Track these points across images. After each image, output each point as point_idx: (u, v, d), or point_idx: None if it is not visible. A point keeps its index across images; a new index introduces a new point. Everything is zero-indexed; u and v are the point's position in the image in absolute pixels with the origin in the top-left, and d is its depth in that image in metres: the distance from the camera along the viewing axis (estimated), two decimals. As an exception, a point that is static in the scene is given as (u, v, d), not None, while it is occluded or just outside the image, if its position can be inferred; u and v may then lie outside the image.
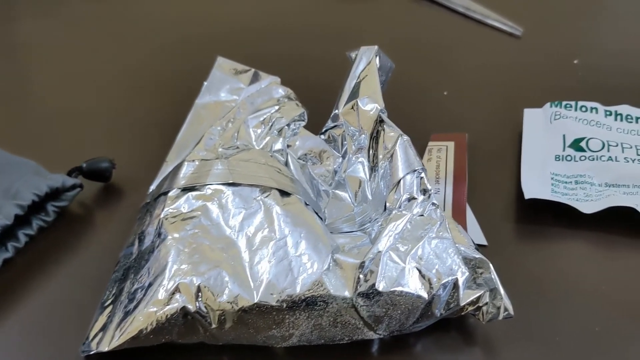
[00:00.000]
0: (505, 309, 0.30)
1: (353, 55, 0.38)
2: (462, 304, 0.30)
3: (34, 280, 0.35)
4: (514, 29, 0.53)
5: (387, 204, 0.31)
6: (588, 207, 0.36)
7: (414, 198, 0.31)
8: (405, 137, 0.32)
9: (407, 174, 0.31)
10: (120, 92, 0.48)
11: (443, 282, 0.29)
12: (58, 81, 0.49)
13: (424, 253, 0.30)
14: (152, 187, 0.37)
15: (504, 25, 0.53)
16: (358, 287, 0.29)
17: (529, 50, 0.51)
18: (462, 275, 0.30)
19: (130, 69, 0.50)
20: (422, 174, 0.31)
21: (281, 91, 0.40)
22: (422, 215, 0.31)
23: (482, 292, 0.30)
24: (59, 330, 0.33)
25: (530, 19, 0.54)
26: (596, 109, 0.42)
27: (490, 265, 0.32)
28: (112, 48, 0.53)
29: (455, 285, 0.30)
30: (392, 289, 0.29)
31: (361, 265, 0.29)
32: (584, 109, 0.42)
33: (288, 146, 0.36)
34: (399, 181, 0.31)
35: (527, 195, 0.37)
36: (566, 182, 0.38)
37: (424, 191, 0.31)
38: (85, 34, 0.55)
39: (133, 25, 0.56)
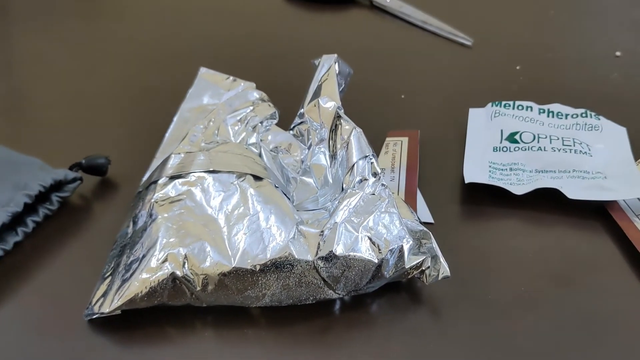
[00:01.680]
0: (444, 271, 0.36)
1: (317, 62, 0.43)
2: (407, 267, 0.36)
3: (41, 260, 0.40)
4: (466, 40, 0.59)
5: (344, 185, 0.37)
6: (519, 190, 0.42)
7: (365, 179, 0.36)
8: (359, 129, 0.38)
9: (360, 159, 0.37)
10: (113, 100, 0.54)
11: (390, 248, 0.35)
12: (58, 92, 0.55)
13: (374, 224, 0.35)
14: (144, 179, 0.43)
15: (457, 36, 0.59)
16: (318, 251, 0.34)
17: (478, 59, 0.58)
18: (407, 243, 0.36)
19: (123, 80, 0.56)
20: (373, 160, 0.37)
21: (256, 94, 0.45)
22: (373, 194, 0.36)
23: (425, 257, 0.36)
24: (65, 301, 0.37)
25: (480, 30, 0.61)
26: (531, 107, 0.49)
27: (432, 236, 0.37)
28: (105, 63, 0.58)
29: (401, 251, 0.35)
30: (347, 254, 0.34)
31: (321, 234, 0.35)
32: (520, 107, 0.48)
33: (261, 140, 0.42)
34: (353, 165, 0.37)
35: (467, 180, 0.43)
36: (502, 169, 0.44)
37: (375, 174, 0.37)
38: (80, 50, 0.60)
39: (125, 42, 0.61)
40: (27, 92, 0.56)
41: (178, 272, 0.34)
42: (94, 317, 0.36)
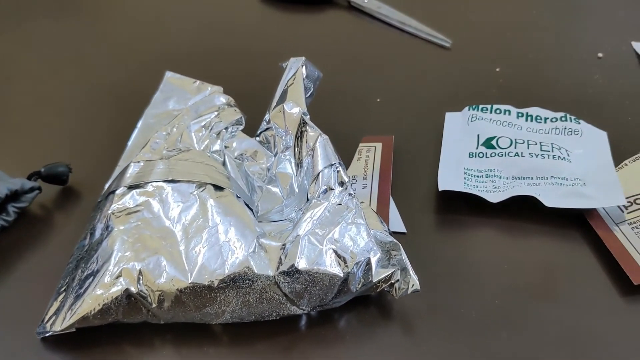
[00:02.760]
0: (413, 284, 0.34)
1: (285, 65, 0.42)
2: (374, 280, 0.34)
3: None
4: (444, 41, 0.57)
5: (309, 195, 0.35)
6: (495, 197, 0.40)
7: (331, 189, 0.35)
8: (325, 136, 0.37)
9: (325, 167, 0.35)
10: (76, 104, 0.52)
11: (357, 261, 0.33)
12: (18, 96, 0.53)
13: (340, 236, 0.34)
14: (105, 188, 0.41)
15: (435, 38, 0.58)
16: (280, 266, 0.32)
17: (457, 60, 0.56)
18: (374, 255, 0.34)
19: (86, 83, 0.54)
20: (339, 168, 0.35)
21: (222, 99, 0.44)
22: (339, 204, 0.35)
23: (394, 270, 0.34)
24: (18, 319, 0.36)
25: (459, 32, 0.59)
26: (509, 110, 0.47)
27: (401, 247, 0.36)
28: (69, 64, 0.56)
29: (368, 263, 0.34)
30: (310, 268, 0.33)
31: (282, 247, 0.33)
32: (498, 111, 0.47)
33: (226, 147, 0.40)
34: (318, 174, 0.35)
35: (441, 187, 0.41)
36: (477, 176, 0.42)
37: (341, 183, 0.35)
38: (42, 52, 0.58)
39: (90, 43, 0.59)
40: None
41: (132, 288, 0.33)
42: (47, 335, 0.34)
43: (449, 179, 0.42)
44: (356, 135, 0.47)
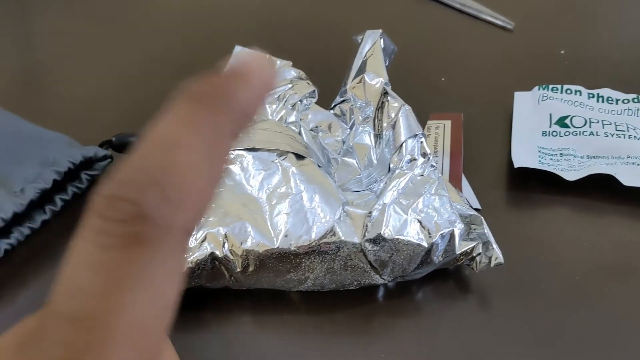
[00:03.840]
0: (496, 257, 0.34)
1: (359, 38, 0.41)
2: (457, 253, 0.34)
3: (69, 241, 0.39)
4: (507, 23, 0.57)
5: (391, 165, 0.35)
6: (571, 175, 0.40)
7: (414, 159, 0.34)
8: (407, 107, 0.36)
9: (409, 138, 0.35)
10: (145, 75, 0.52)
11: (441, 232, 0.33)
12: (86, 68, 0.53)
13: (424, 207, 0.33)
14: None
15: (497, 19, 0.57)
16: (366, 233, 0.32)
17: (520, 43, 0.55)
18: (458, 227, 0.34)
19: (154, 56, 0.54)
20: (422, 139, 0.35)
21: (293, 72, 0.43)
22: (422, 176, 0.34)
23: (476, 243, 0.34)
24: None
25: (522, 14, 0.58)
26: (580, 91, 0.46)
27: (484, 220, 0.35)
28: (135, 38, 0.57)
29: (452, 236, 0.33)
30: (395, 237, 0.32)
31: (369, 215, 0.33)
32: (569, 91, 0.46)
33: (301, 119, 0.40)
34: (402, 144, 0.35)
35: (516, 164, 0.40)
36: (552, 155, 0.42)
37: (424, 154, 0.35)
38: (107, 25, 0.58)
39: (155, 17, 0.60)
40: (52, 67, 0.54)
41: (217, 252, 0.33)
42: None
43: (524, 156, 0.41)
44: (422, 113, 0.46)
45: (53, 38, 0.58)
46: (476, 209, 0.40)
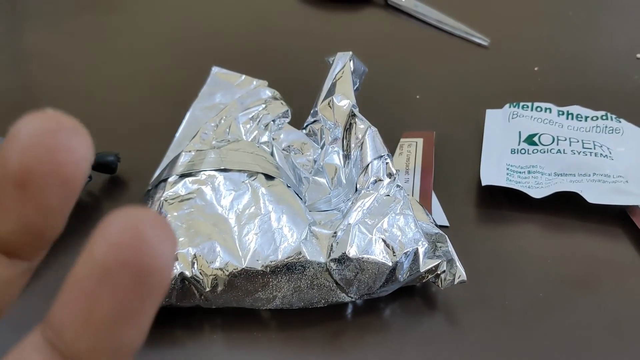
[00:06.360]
0: (460, 275, 0.35)
1: (331, 60, 0.43)
2: (422, 270, 0.35)
3: (45, 259, 0.40)
4: (482, 40, 0.58)
5: (358, 186, 0.36)
6: (538, 193, 0.41)
7: (380, 180, 0.35)
8: (374, 128, 0.37)
9: (375, 159, 0.36)
10: (124, 97, 0.53)
11: (405, 250, 0.34)
12: (68, 87, 0.54)
13: (388, 226, 0.34)
14: (154, 177, 0.42)
15: (472, 36, 0.58)
16: (331, 253, 0.33)
17: (495, 59, 0.56)
18: (422, 246, 0.35)
19: (133, 76, 0.55)
20: (388, 160, 0.36)
21: (268, 92, 0.44)
22: (387, 195, 0.35)
23: (440, 261, 0.35)
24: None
25: (497, 30, 0.59)
26: (550, 109, 0.47)
27: (448, 239, 0.36)
28: (115, 59, 0.58)
29: (416, 254, 0.34)
30: (360, 256, 0.33)
31: (334, 235, 0.34)
32: (539, 109, 0.47)
33: (273, 139, 0.41)
34: (368, 165, 0.36)
35: (484, 183, 0.41)
36: (520, 172, 0.43)
37: (390, 174, 0.36)
38: (88, 45, 0.59)
39: (135, 37, 0.61)
40: (34, 88, 0.55)
41: (187, 272, 0.33)
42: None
43: (492, 174, 0.42)
44: (396, 131, 0.48)
45: (35, 59, 0.59)
46: (444, 226, 0.41)
